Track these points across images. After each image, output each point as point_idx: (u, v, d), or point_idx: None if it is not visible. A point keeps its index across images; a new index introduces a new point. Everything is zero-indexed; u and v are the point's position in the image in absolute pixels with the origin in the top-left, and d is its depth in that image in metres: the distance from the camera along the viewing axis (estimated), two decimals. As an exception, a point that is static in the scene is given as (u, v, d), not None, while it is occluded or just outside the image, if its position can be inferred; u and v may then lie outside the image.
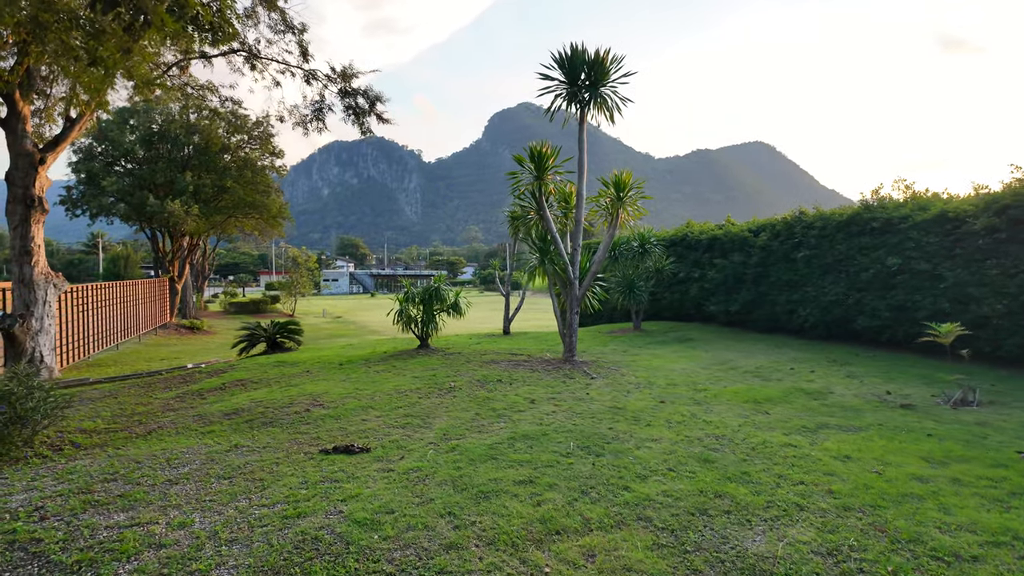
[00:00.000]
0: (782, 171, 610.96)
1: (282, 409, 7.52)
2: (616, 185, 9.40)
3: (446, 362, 10.20)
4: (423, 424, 6.46)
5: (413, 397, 7.73)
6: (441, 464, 5.06)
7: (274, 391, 8.78)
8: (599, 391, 7.80)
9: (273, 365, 11.37)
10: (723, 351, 11.05)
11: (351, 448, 5.58)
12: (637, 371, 9.12)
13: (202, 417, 7.54)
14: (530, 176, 9.64)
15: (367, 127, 17.62)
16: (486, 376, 8.80)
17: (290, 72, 16.76)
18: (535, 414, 6.69)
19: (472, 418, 6.63)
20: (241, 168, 28.87)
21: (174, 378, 11.66)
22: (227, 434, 6.64)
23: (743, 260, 12.99)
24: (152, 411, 8.46)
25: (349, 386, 8.64)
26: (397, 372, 9.63)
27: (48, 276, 12.69)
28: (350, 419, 6.81)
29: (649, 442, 5.59)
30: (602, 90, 9.27)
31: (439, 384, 8.44)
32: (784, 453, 5.22)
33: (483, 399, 7.48)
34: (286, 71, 16.58)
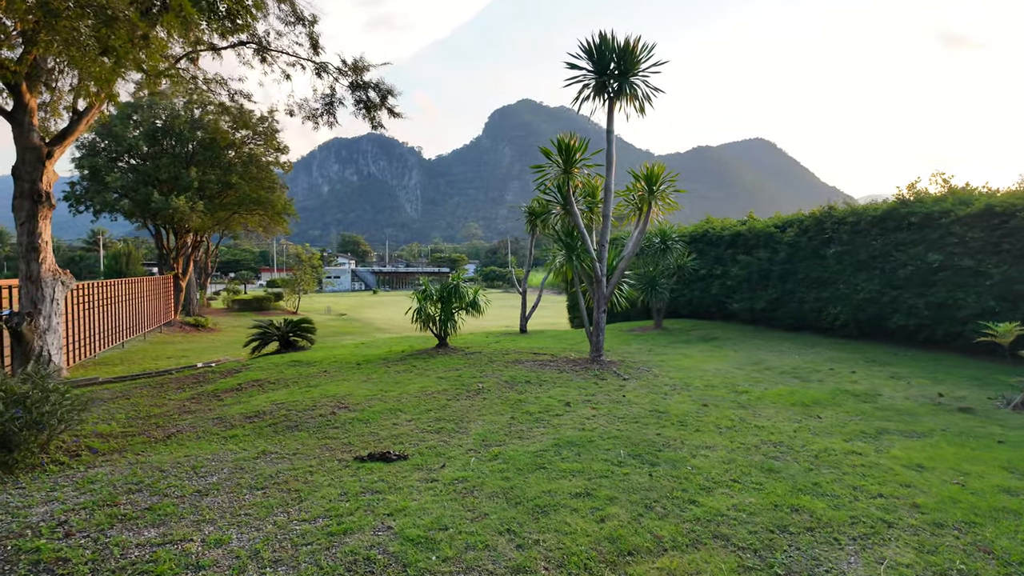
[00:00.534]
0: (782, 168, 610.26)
1: (306, 412, 7.21)
2: (648, 178, 9.08)
3: (468, 362, 9.89)
4: (458, 429, 6.15)
5: (441, 399, 7.42)
6: (487, 474, 4.75)
7: (294, 392, 8.48)
8: (635, 393, 7.49)
9: (288, 365, 11.07)
10: (753, 350, 10.74)
11: (387, 455, 5.28)
12: (669, 372, 8.81)
13: (222, 420, 7.23)
14: (557, 169, 9.30)
15: (378, 121, 17.28)
16: (513, 377, 8.49)
17: (300, 65, 16.42)
18: (574, 418, 6.38)
19: (508, 422, 6.32)
20: (246, 164, 28.50)
21: (186, 378, 11.35)
22: (251, 439, 6.33)
23: (769, 256, 12.66)
24: (168, 413, 8.16)
25: (372, 387, 8.33)
26: (419, 372, 9.32)
27: (56, 273, 12.37)
28: (380, 423, 6.51)
29: (703, 450, 5.28)
30: (632, 80, 8.93)
31: (466, 385, 8.13)
32: (851, 462, 4.91)
33: (515, 402, 7.17)
34: (296, 64, 16.25)
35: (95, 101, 10.58)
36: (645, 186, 9.17)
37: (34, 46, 9.19)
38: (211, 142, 28.01)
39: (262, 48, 15.42)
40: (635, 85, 8.98)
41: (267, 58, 15.73)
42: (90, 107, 12.30)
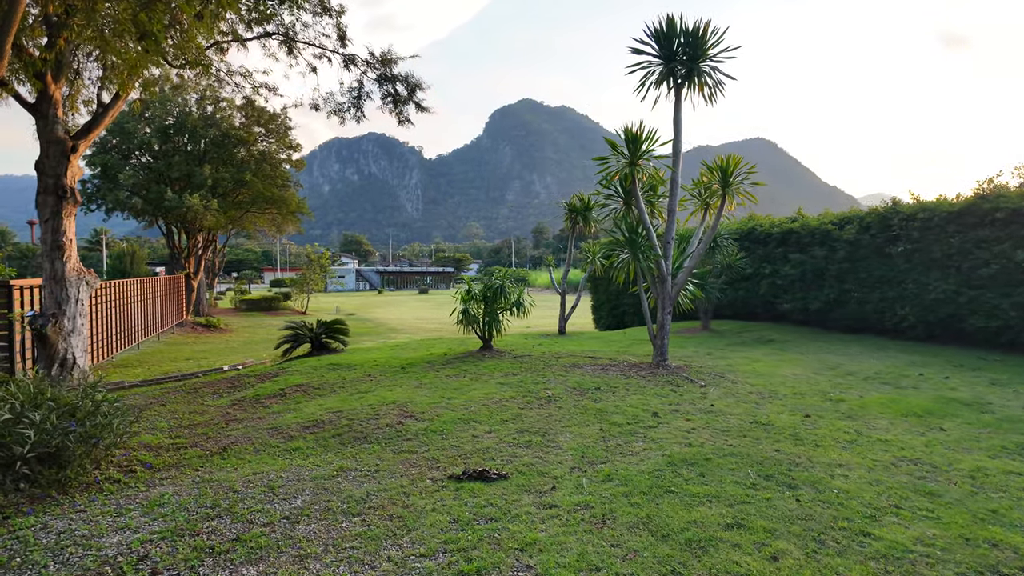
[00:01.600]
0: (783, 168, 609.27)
1: (369, 421, 6.68)
2: (722, 170, 8.55)
3: (522, 366, 9.37)
4: (547, 442, 5.62)
5: (513, 408, 6.90)
6: (609, 498, 4.23)
7: (347, 399, 7.95)
8: (724, 402, 6.96)
9: (328, 368, 10.54)
10: (820, 354, 10.22)
11: (486, 474, 4.75)
12: (747, 378, 8.28)
13: (278, 431, 6.71)
14: (622, 161, 8.77)
15: (405, 116, 16.75)
16: (580, 383, 7.97)
17: (327, 58, 15.90)
18: (671, 431, 5.86)
19: (599, 435, 5.80)
20: (260, 161, 27.98)
21: (218, 382, 10.83)
22: (318, 452, 5.81)
23: (826, 255, 12.13)
24: (213, 422, 7.63)
25: (431, 394, 7.81)
26: (473, 377, 8.79)
27: (80, 272, 11.84)
28: (456, 435, 5.98)
29: (838, 469, 4.76)
30: (702, 66, 8.41)
31: (532, 392, 7.60)
32: (1017, 484, 4.39)
33: (595, 411, 6.65)
34: (323, 56, 15.73)
35: (127, 90, 10.01)
36: (719, 178, 8.64)
37: (65, 31, 8.66)
38: (224, 139, 27.49)
39: (289, 39, 14.90)
40: (704, 72, 8.46)
41: (294, 50, 15.23)
42: (116, 98, 11.77)
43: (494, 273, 11.15)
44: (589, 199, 13.59)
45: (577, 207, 13.65)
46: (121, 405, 6.04)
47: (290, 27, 14.98)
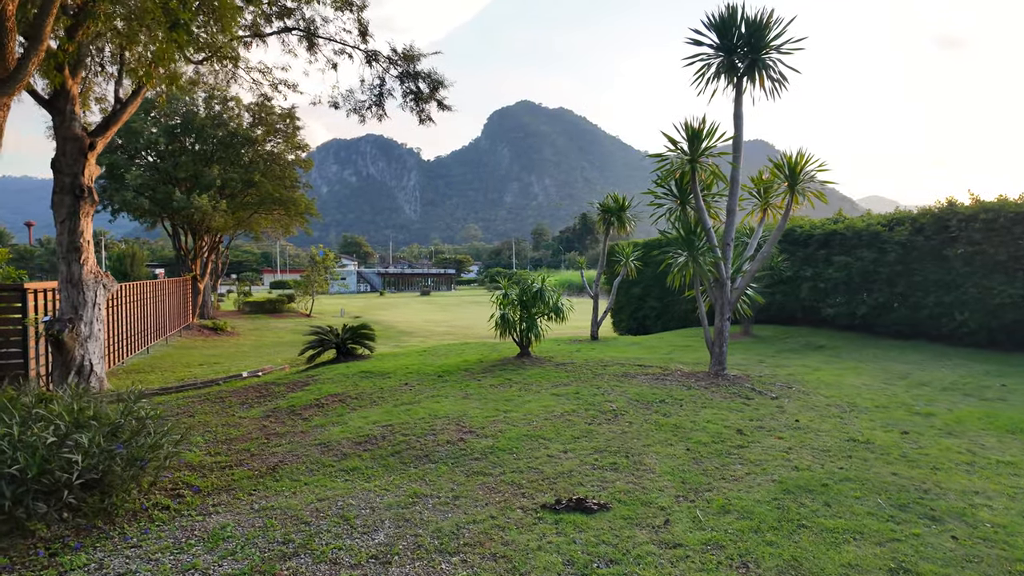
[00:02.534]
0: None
1: (426, 437, 6.20)
2: (790, 167, 8.09)
3: (570, 375, 8.89)
4: (634, 464, 5.14)
5: (579, 423, 6.42)
6: (735, 534, 3.76)
7: (392, 411, 7.46)
8: (806, 417, 6.50)
9: (360, 376, 10.06)
10: (881, 362, 9.77)
11: (584, 504, 4.27)
12: (815, 388, 7.82)
13: (328, 447, 6.22)
14: (681, 157, 8.31)
15: (427, 114, 16.30)
16: (640, 395, 7.50)
17: (346, 54, 15.44)
18: (766, 451, 5.39)
19: (688, 456, 5.33)
20: (269, 162, 27.50)
21: (245, 390, 10.32)
22: (380, 474, 5.33)
23: (875, 257, 11.67)
24: (250, 435, 7.14)
25: (484, 406, 7.33)
26: (522, 387, 8.31)
27: (97, 275, 11.35)
28: (529, 455, 5.50)
29: (975, 497, 4.30)
30: (764, 57, 7.96)
31: (592, 404, 7.13)
32: None
33: (671, 427, 6.18)
34: (342, 52, 15.26)
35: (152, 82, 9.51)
36: (786, 175, 8.17)
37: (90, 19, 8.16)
38: (232, 139, 27.02)
39: (309, 34, 14.43)
40: (768, 64, 8.00)
41: (314, 46, 14.76)
42: (136, 93, 11.29)
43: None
44: (624, 199, 13.14)
45: (611, 207, 13.17)
46: (166, 421, 5.56)
47: (310, 22, 14.54)
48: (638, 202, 13.87)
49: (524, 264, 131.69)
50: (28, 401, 4.62)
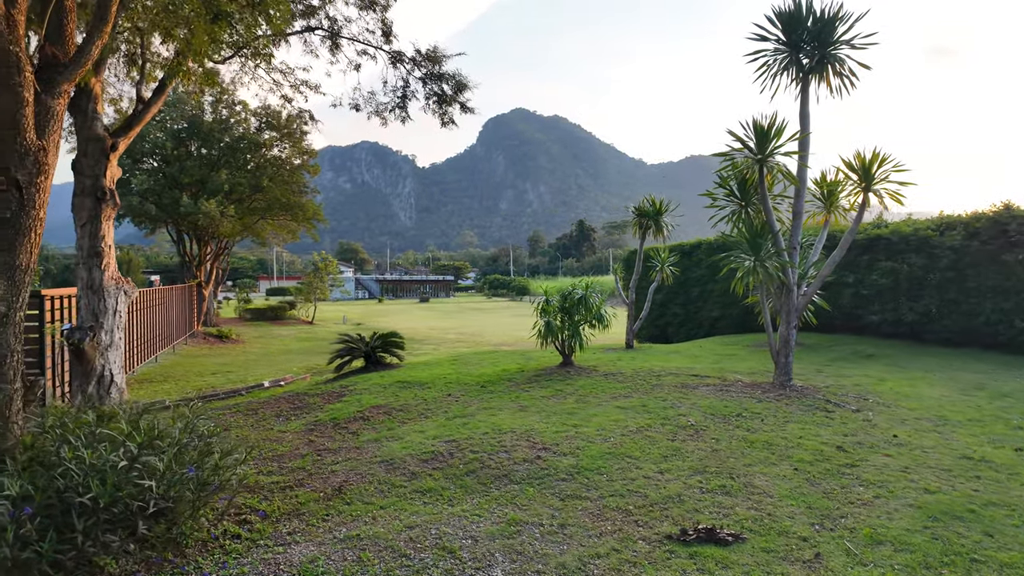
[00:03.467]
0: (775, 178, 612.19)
1: (498, 455, 5.77)
2: (864, 165, 7.71)
3: (626, 386, 8.48)
4: (745, 487, 4.73)
5: (660, 439, 6.00)
6: (904, 570, 3.35)
7: (447, 425, 7.03)
8: (902, 431, 6.11)
9: (398, 386, 9.62)
10: (947, 371, 9.41)
11: (716, 535, 3.85)
12: (894, 400, 7.44)
13: (392, 465, 5.78)
14: (749, 157, 7.93)
15: (450, 117, 15.90)
16: (712, 408, 7.09)
17: (368, 54, 15.05)
18: (883, 471, 4.99)
19: (798, 477, 4.92)
20: (277, 167, 27.06)
21: (276, 401, 9.86)
22: (461, 496, 4.90)
23: (925, 263, 11.34)
24: (298, 451, 6.69)
25: (546, 420, 6.90)
26: (578, 399, 7.89)
27: (119, 282, 10.85)
28: (622, 475, 5.08)
29: None
30: (834, 53, 7.61)
31: (665, 418, 6.71)
32: None
33: (763, 444, 5.77)
34: (365, 52, 14.87)
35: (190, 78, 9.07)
36: (860, 175, 7.80)
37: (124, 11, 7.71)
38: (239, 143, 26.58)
39: (333, 34, 14.04)
40: (836, 59, 7.65)
41: (338, 46, 14.37)
42: (160, 91, 10.85)
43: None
44: (662, 203, 12.76)
45: (648, 211, 12.79)
46: (231, 439, 5.11)
47: (333, 21, 14.16)
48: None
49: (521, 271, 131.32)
50: (90, 419, 4.17)
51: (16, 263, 3.88)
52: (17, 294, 3.91)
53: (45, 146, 4.00)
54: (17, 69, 3.74)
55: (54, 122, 4.10)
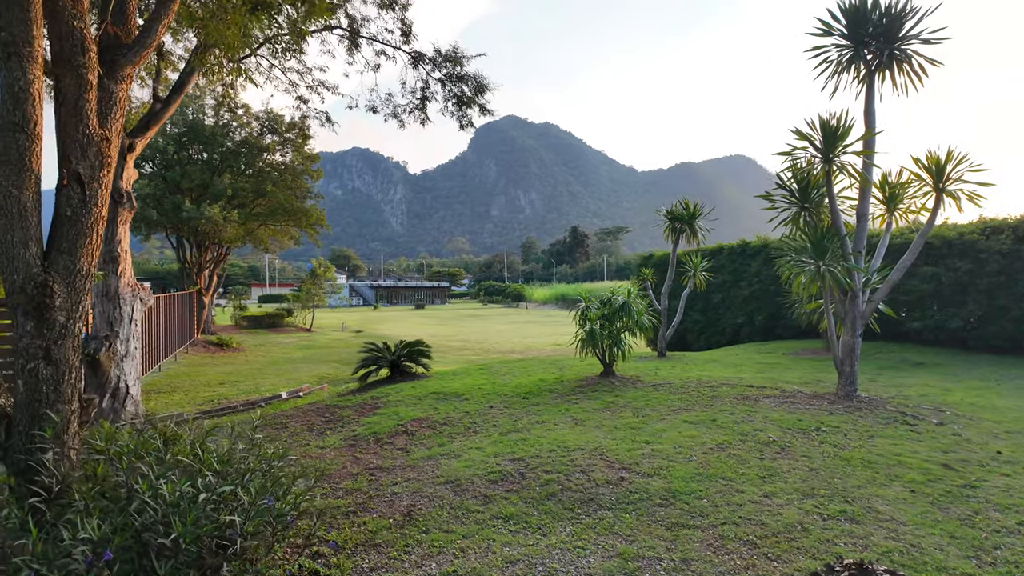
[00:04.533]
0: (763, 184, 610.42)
1: (573, 475, 5.34)
2: (937, 165, 7.35)
3: (682, 398, 8.07)
4: (868, 512, 4.32)
5: (748, 458, 5.59)
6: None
7: (504, 441, 6.58)
8: (1006, 448, 5.72)
9: (434, 398, 9.16)
10: (1012, 380, 9.07)
11: (870, 571, 3.44)
12: (972, 412, 7.07)
13: (458, 487, 5.32)
14: (814, 156, 7.57)
15: (468, 120, 15.51)
16: (785, 422, 6.69)
17: (385, 54, 14.64)
18: (1008, 493, 4.61)
19: (920, 500, 4.52)
20: (281, 172, 26.56)
21: (305, 414, 9.36)
22: (550, 524, 4.46)
23: (971, 268, 11.04)
24: (347, 470, 6.22)
25: (613, 436, 6.48)
26: (635, 412, 7.47)
27: (135, 289, 10.36)
28: (725, 500, 4.66)
29: None
30: (902, 49, 7.28)
31: (741, 434, 6.31)
32: None
33: (860, 462, 5.37)
34: (382, 52, 14.45)
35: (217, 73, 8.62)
36: (933, 175, 7.45)
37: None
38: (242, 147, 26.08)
39: (353, 33, 13.62)
40: (904, 55, 7.32)
41: (356, 46, 13.95)
42: (179, 89, 10.38)
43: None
44: (696, 206, 12.40)
45: (682, 215, 12.41)
46: (298, 464, 4.65)
47: (352, 20, 13.75)
48: (635, 219, 13.21)
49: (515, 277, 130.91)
50: (157, 444, 3.69)
51: (77, 267, 3.42)
52: (77, 302, 3.45)
53: (108, 136, 3.55)
54: (82, 48, 3.30)
55: (116, 110, 3.65)
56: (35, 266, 3.28)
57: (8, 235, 3.18)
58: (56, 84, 3.33)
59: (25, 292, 3.24)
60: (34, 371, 3.31)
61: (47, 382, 3.36)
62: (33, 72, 3.06)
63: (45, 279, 3.30)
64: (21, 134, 3.10)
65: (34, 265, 3.27)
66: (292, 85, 14.33)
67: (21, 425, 3.36)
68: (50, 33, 3.25)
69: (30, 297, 3.26)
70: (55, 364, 3.38)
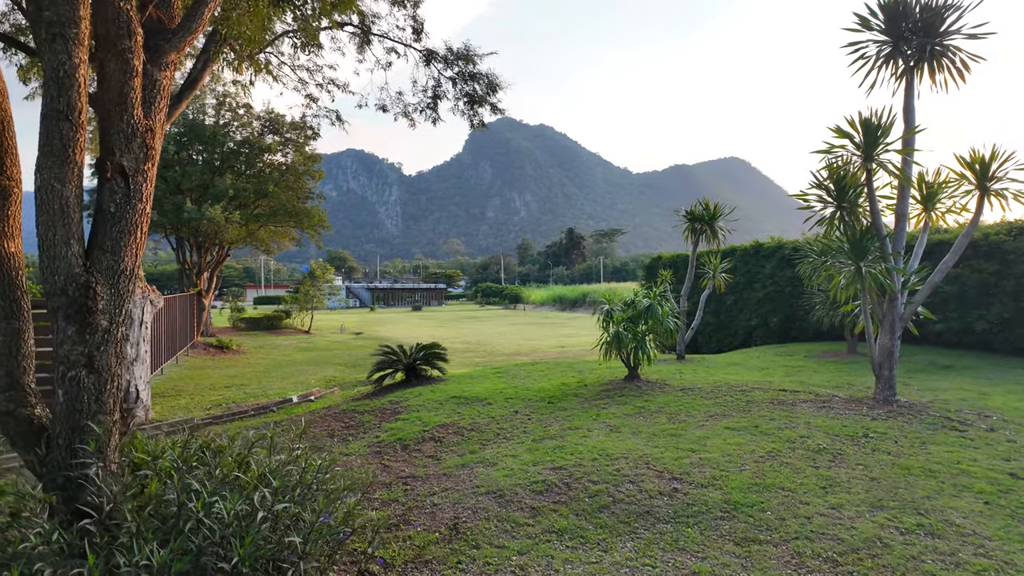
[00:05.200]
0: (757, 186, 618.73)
1: (622, 486, 5.11)
2: (981, 164, 7.18)
3: (716, 403, 7.86)
4: (948, 526, 4.11)
5: (803, 467, 5.37)
6: None
7: (540, 448, 6.34)
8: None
9: (456, 402, 8.92)
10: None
11: (971, 591, 3.22)
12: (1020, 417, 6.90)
13: (502, 498, 5.09)
14: (853, 154, 7.36)
15: (480, 119, 15.28)
16: (830, 428, 6.49)
17: (395, 52, 14.40)
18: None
19: (997, 513, 4.33)
20: (284, 173, 26.27)
21: (323, 419, 9.11)
22: (609, 539, 4.24)
23: (997, 269, 10.90)
24: (378, 479, 5.96)
25: (654, 443, 6.25)
26: (671, 418, 7.25)
27: (145, 291, 10.08)
28: (791, 512, 4.44)
29: None
30: (943, 44, 7.10)
31: (787, 440, 6.09)
32: None
33: (921, 471, 5.16)
34: (393, 50, 14.21)
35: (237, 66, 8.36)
36: (977, 174, 7.27)
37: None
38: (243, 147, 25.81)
39: (364, 31, 13.37)
40: (945, 50, 7.14)
41: (367, 43, 13.70)
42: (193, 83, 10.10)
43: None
44: (716, 206, 12.20)
45: (703, 216, 12.21)
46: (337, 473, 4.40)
47: (363, 16, 13.51)
48: (630, 221, 13.03)
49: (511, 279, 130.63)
50: (206, 458, 3.44)
51: (120, 267, 3.17)
52: (120, 305, 3.20)
53: (152, 126, 3.31)
54: (128, 31, 3.05)
55: (160, 98, 3.41)
56: (77, 266, 3.03)
57: (49, 232, 2.94)
58: (100, 70, 3.08)
59: (67, 294, 3.00)
60: (75, 380, 3.06)
61: (89, 392, 3.11)
62: (79, 55, 2.82)
63: (88, 280, 3.05)
64: (65, 123, 2.86)
65: (76, 265, 3.02)
66: (301, 83, 14.08)
67: (60, 438, 3.11)
68: (95, 14, 3.00)
69: (72, 299, 3.01)
70: (97, 372, 3.13)
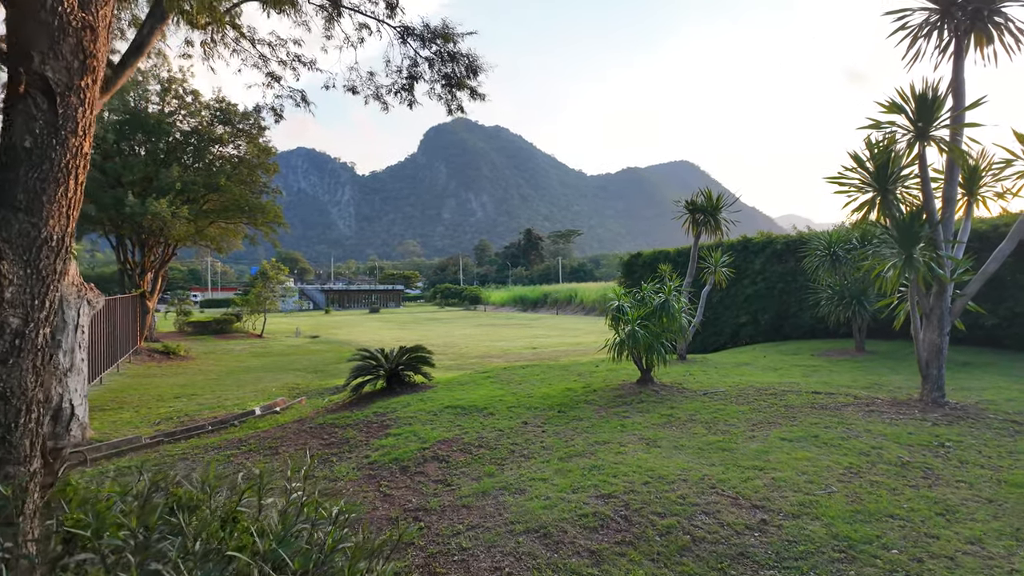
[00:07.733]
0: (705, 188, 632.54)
1: (694, 518, 4.17)
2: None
3: (751, 408, 7.03)
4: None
5: (897, 486, 4.56)
6: None
7: (572, 470, 5.35)
8: None
9: (452, 413, 7.84)
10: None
11: None
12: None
13: (548, 537, 4.08)
14: (906, 130, 6.62)
15: (458, 104, 14.17)
16: (896, 436, 5.72)
17: (367, 28, 13.17)
18: None
19: None
20: (236, 166, 24.49)
21: (296, 435, 7.88)
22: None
23: (1011, 262, 10.51)
24: (380, 512, 4.86)
25: (706, 459, 5.35)
26: (709, 428, 6.38)
27: (80, 289, 8.64)
28: (923, 549, 3.59)
29: None
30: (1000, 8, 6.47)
31: (859, 453, 5.29)
32: None
33: None
34: (365, 26, 12.98)
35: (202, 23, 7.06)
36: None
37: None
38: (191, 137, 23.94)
39: (334, 2, 12.10)
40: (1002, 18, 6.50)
41: (335, 17, 12.42)
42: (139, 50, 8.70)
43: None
44: (719, 197, 11.47)
45: (703, 206, 11.44)
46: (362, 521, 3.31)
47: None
48: (584, 222, 12.39)
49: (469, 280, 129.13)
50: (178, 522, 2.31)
51: (41, 234, 2.03)
52: (42, 294, 2.06)
53: (92, 23, 2.17)
54: None
55: (104, -17, 2.28)
56: (-34, 231, 1.87)
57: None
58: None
59: (-52, 276, 1.84)
60: (-36, 412, 1.90)
61: (-12, 430, 1.94)
62: None
63: (-16, 253, 1.89)
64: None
65: (-35, 229, 1.87)
66: (262, 59, 12.68)
67: (-60, 506, 1.94)
68: None
69: (-43, 284, 1.85)
70: (4, 399, 1.97)
